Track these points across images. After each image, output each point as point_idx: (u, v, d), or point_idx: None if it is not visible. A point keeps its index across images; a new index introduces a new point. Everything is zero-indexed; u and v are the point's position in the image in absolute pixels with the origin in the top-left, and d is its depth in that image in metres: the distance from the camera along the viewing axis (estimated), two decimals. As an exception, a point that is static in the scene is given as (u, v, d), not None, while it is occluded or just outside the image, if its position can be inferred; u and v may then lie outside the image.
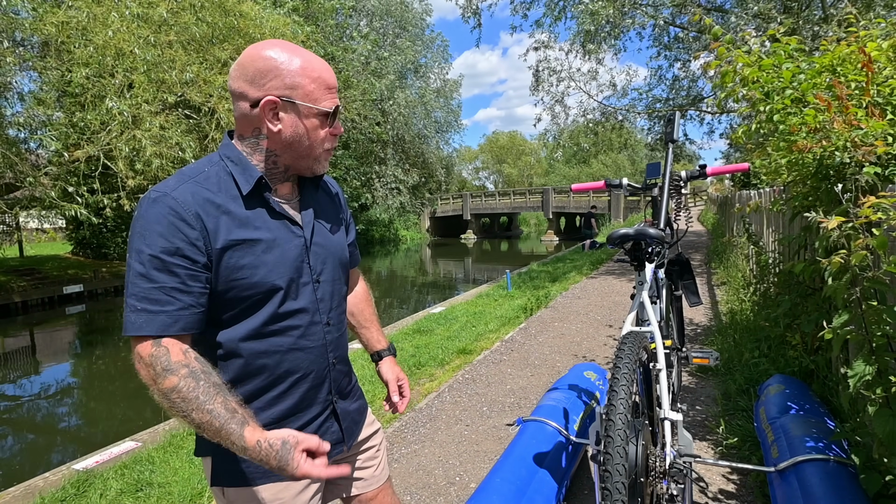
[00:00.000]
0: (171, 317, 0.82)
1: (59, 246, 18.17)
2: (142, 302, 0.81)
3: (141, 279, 0.81)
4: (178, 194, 0.84)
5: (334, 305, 1.03)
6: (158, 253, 0.81)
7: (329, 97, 0.91)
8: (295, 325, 0.94)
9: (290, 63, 0.88)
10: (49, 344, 10.22)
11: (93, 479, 2.55)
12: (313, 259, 0.98)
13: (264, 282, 0.89)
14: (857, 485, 1.52)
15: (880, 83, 1.91)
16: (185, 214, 0.83)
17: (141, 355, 0.81)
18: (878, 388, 1.33)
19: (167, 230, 0.81)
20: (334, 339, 1.02)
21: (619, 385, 1.22)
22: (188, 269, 0.83)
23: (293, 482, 0.96)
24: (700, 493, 2.05)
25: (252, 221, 0.90)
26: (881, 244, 1.29)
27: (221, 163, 0.91)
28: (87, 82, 8.97)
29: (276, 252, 0.91)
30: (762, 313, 3.56)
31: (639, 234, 1.57)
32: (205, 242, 0.84)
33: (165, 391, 0.79)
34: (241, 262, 0.87)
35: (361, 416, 1.14)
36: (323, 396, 1.01)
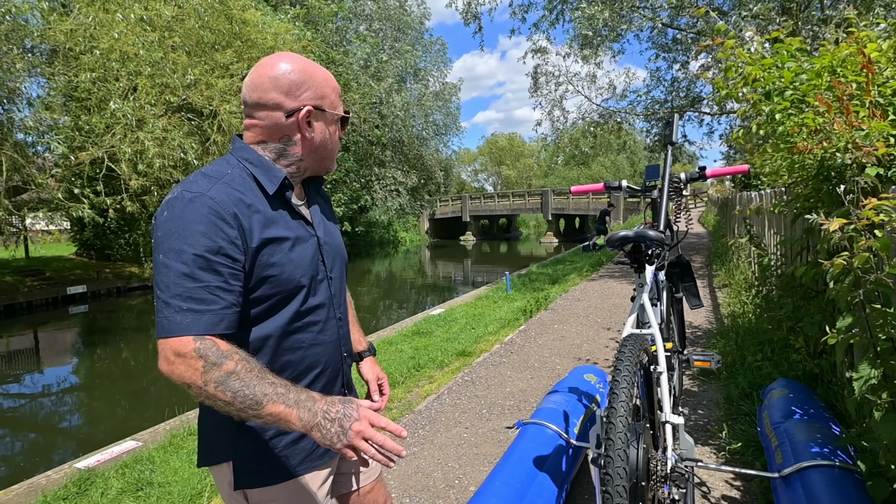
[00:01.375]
0: (216, 315, 0.82)
1: (63, 247, 18.25)
2: (187, 302, 0.80)
3: (185, 279, 0.80)
4: (215, 194, 0.85)
5: (342, 301, 1.09)
6: (203, 252, 0.81)
7: (341, 103, 1.02)
8: (315, 321, 0.98)
9: (316, 75, 0.96)
10: (52, 344, 10.24)
11: (94, 478, 2.56)
12: (326, 256, 1.02)
13: (291, 278, 0.92)
14: (863, 492, 1.50)
15: (881, 84, 1.89)
16: (225, 214, 0.84)
17: (182, 353, 0.78)
18: (885, 393, 1.31)
19: (209, 229, 0.82)
20: (345, 334, 1.08)
21: (620, 388, 1.21)
22: (231, 268, 0.84)
23: (317, 473, 1.01)
24: (703, 498, 2.03)
25: (279, 221, 0.93)
26: (884, 246, 1.27)
27: (241, 165, 0.94)
28: (92, 86, 9.03)
29: (299, 250, 0.95)
30: (764, 316, 3.54)
31: (638, 237, 1.56)
32: (243, 241, 0.86)
33: (222, 378, 0.77)
34: (271, 260, 0.90)
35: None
36: (337, 390, 1.06)
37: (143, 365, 8.26)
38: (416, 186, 25.89)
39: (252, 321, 0.91)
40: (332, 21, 17.40)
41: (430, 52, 26.89)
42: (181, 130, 9.60)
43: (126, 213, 10.40)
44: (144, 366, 8.16)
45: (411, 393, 3.56)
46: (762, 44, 2.45)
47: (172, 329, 0.79)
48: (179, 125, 9.76)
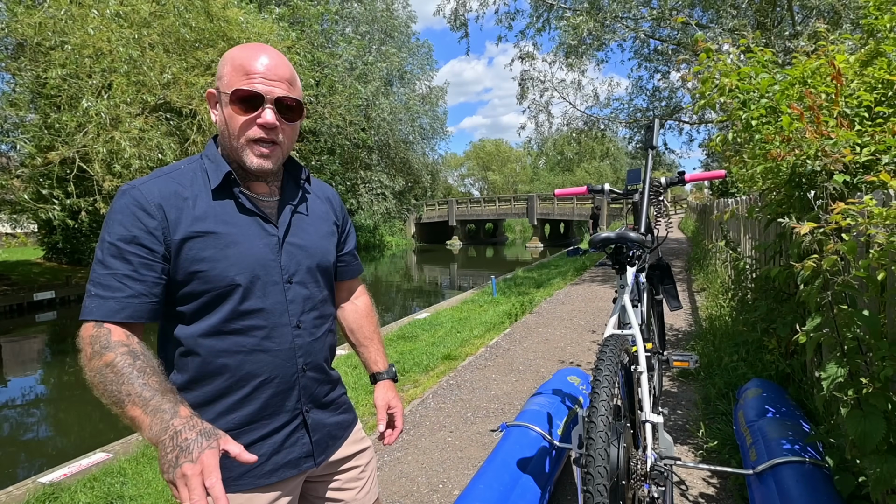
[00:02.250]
0: (119, 303, 0.82)
1: (30, 251, 17.59)
2: (96, 287, 0.82)
3: (98, 265, 0.83)
4: (145, 187, 0.86)
5: (308, 309, 0.98)
6: (115, 241, 0.83)
7: (243, 80, 0.88)
8: (259, 326, 0.91)
9: (226, 56, 0.91)
10: (17, 353, 9.84)
11: (59, 493, 2.45)
12: (286, 258, 0.95)
13: (223, 276, 0.87)
14: (831, 486, 1.56)
15: (848, 95, 1.98)
16: (147, 205, 0.84)
17: (82, 336, 0.81)
18: (850, 390, 1.36)
19: (127, 219, 0.83)
20: (305, 344, 0.96)
21: (601, 387, 1.23)
22: (142, 258, 0.83)
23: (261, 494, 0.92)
24: (681, 496, 2.07)
25: (218, 215, 0.89)
26: (851, 249, 1.33)
27: (200, 161, 0.94)
28: (63, 83, 8.76)
29: (239, 248, 0.89)
30: (740, 318, 3.64)
31: (620, 238, 1.59)
32: (164, 232, 0.85)
33: (99, 367, 0.76)
34: (201, 255, 0.86)
35: (343, 432, 1.07)
36: (291, 405, 0.95)
37: (118, 371, 8.01)
38: (402, 190, 25.86)
39: (186, 318, 0.89)
40: (318, 22, 17.32)
41: (417, 56, 26.98)
42: (159, 130, 9.41)
43: (100, 216, 10.11)
44: (120, 372, 7.93)
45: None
46: (738, 55, 2.54)
47: (82, 312, 0.82)
48: (157, 125, 9.56)
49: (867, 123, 1.92)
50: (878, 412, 1.29)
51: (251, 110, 0.88)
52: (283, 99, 0.90)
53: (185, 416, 0.71)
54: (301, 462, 0.97)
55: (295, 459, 0.96)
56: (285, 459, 0.95)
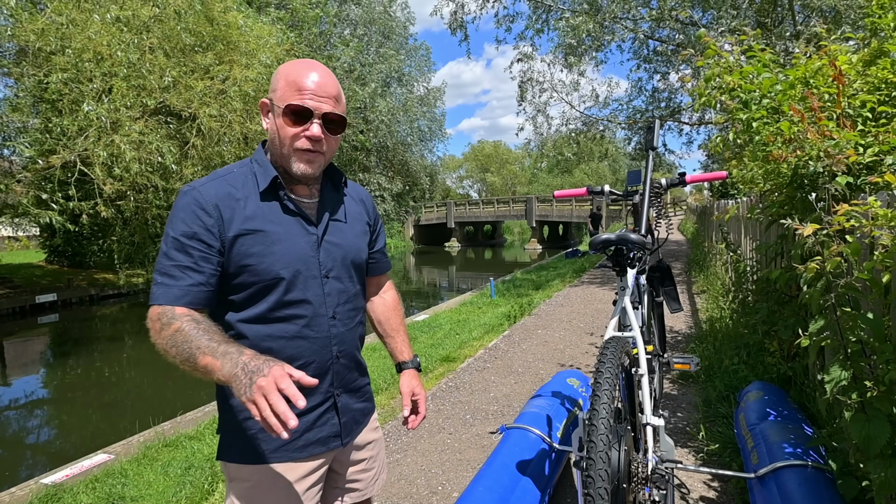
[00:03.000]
0: (181, 290, 0.92)
1: (32, 254, 17.58)
2: (161, 276, 0.93)
3: (163, 257, 0.94)
4: (204, 189, 0.97)
5: (343, 301, 1.07)
6: (178, 235, 0.94)
7: (296, 96, 0.96)
8: (300, 315, 1.01)
9: (281, 71, 1.00)
10: (20, 355, 9.82)
11: (62, 494, 2.46)
12: (324, 255, 1.04)
13: (270, 270, 0.97)
14: (834, 490, 1.54)
15: (850, 95, 1.97)
16: (206, 205, 0.95)
17: (150, 316, 0.91)
18: (854, 394, 1.35)
19: (188, 217, 0.94)
20: (339, 334, 1.06)
21: (602, 389, 1.22)
22: (202, 252, 0.94)
23: (294, 465, 1.02)
24: (682, 499, 2.05)
25: (266, 215, 0.99)
26: (855, 251, 1.32)
27: (250, 165, 1.04)
28: (64, 87, 8.76)
29: (284, 244, 0.99)
30: (741, 321, 3.62)
31: (621, 240, 1.58)
32: (219, 229, 0.95)
33: (170, 335, 0.87)
34: (251, 250, 0.97)
35: (364, 418, 1.17)
36: (324, 388, 1.05)
37: (116, 376, 7.99)
38: (400, 192, 25.85)
39: (237, 306, 0.99)
40: (317, 25, 17.33)
41: (415, 58, 26.98)
42: (159, 134, 9.40)
43: (100, 219, 10.08)
44: (118, 376, 7.91)
45: (395, 399, 3.52)
46: (739, 54, 2.53)
47: (150, 299, 0.93)
48: (157, 128, 9.55)
49: (870, 124, 1.91)
50: (882, 416, 1.27)
51: (300, 123, 0.97)
52: (329, 114, 0.99)
53: (250, 353, 0.80)
54: (330, 441, 1.07)
55: (325, 438, 1.06)
56: (316, 437, 1.04)
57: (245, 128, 10.43)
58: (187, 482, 2.46)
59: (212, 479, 2.47)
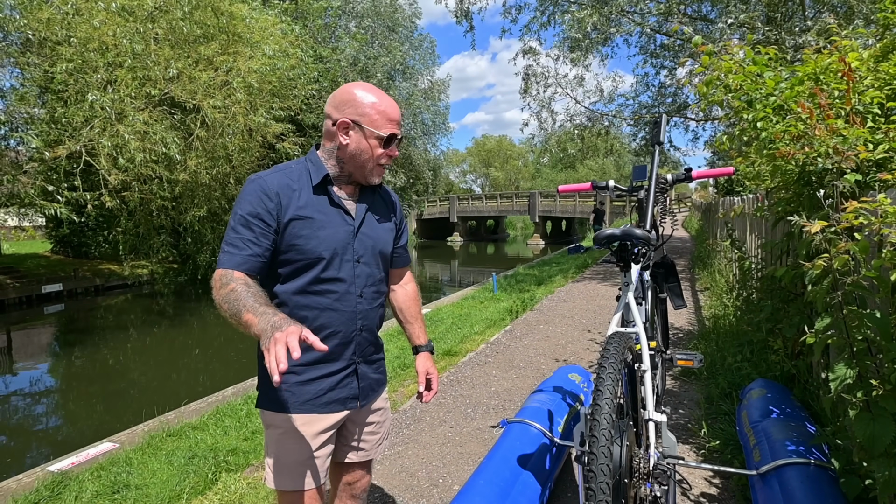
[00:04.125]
0: (242, 258, 1.12)
1: (38, 244, 17.68)
2: (227, 246, 1.13)
3: (231, 231, 1.14)
4: (268, 178, 1.18)
5: (369, 283, 1.26)
6: (245, 213, 1.13)
7: (388, 127, 1.19)
8: (333, 290, 1.20)
9: (364, 98, 1.18)
10: (26, 344, 9.91)
11: (67, 481, 2.48)
12: (358, 243, 1.23)
13: (314, 250, 1.17)
14: (837, 488, 1.54)
15: (861, 92, 1.94)
16: (269, 192, 1.15)
17: (215, 278, 1.10)
18: (859, 392, 1.34)
19: (255, 200, 1.14)
20: (364, 310, 1.25)
21: (605, 385, 1.21)
22: (262, 230, 1.14)
23: (317, 417, 1.21)
24: (683, 495, 2.06)
25: (315, 205, 1.19)
26: (863, 249, 1.30)
27: (305, 163, 1.24)
28: (69, 77, 8.75)
29: (327, 231, 1.19)
30: (745, 318, 3.61)
31: (625, 235, 1.57)
32: (278, 213, 1.15)
33: (226, 293, 1.04)
34: (300, 233, 1.16)
35: (379, 387, 1.37)
36: (348, 355, 1.24)
37: (121, 366, 8.05)
38: (404, 186, 25.75)
39: (283, 278, 1.19)
40: (322, 17, 17.23)
41: (420, 50, 26.79)
42: (163, 125, 9.39)
43: (105, 209, 10.11)
44: (123, 366, 7.96)
45: (396, 392, 3.54)
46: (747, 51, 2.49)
47: (217, 264, 1.13)
48: (161, 119, 9.54)
49: (880, 120, 1.88)
50: (887, 415, 1.27)
51: (387, 146, 1.21)
52: (401, 138, 1.24)
53: (281, 316, 0.95)
54: (348, 401, 1.26)
55: (344, 398, 1.25)
56: (337, 396, 1.24)
57: (249, 119, 10.41)
58: (191, 471, 2.48)
59: (215, 468, 2.49)
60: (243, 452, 2.65)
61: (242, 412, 3.24)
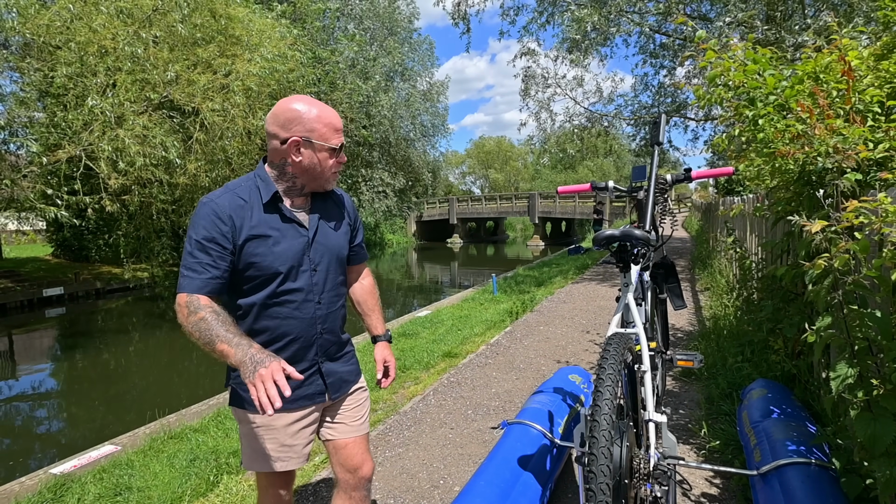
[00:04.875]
0: (202, 282, 1.17)
1: (39, 248, 17.69)
2: (186, 270, 1.17)
3: (188, 255, 1.18)
4: (219, 200, 1.21)
5: (327, 289, 1.32)
6: (200, 238, 1.17)
7: (336, 137, 1.25)
8: (291, 300, 1.26)
9: (308, 113, 1.22)
10: (28, 347, 9.91)
11: (70, 484, 2.49)
12: (313, 252, 1.29)
13: (271, 266, 1.22)
14: (837, 488, 1.53)
15: (861, 90, 1.94)
16: (222, 215, 1.19)
17: (180, 303, 1.15)
18: (860, 392, 1.34)
19: (208, 224, 1.18)
20: (323, 315, 1.32)
21: (605, 386, 1.21)
22: (219, 253, 1.18)
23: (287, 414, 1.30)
24: (683, 495, 2.05)
25: (268, 223, 1.24)
26: (864, 248, 1.30)
27: (255, 179, 1.28)
28: (69, 82, 8.76)
29: (282, 245, 1.24)
30: (745, 318, 3.60)
31: (624, 236, 1.57)
32: (233, 235, 1.19)
33: (195, 322, 1.11)
34: (256, 251, 1.21)
35: (352, 377, 1.44)
36: (311, 356, 1.32)
37: (123, 368, 8.05)
38: (403, 188, 25.75)
39: (244, 292, 1.25)
40: (320, 19, 17.25)
41: (418, 52, 26.81)
42: (162, 128, 9.40)
43: (106, 213, 10.10)
44: (125, 369, 7.96)
45: (397, 394, 3.53)
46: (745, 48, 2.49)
47: (178, 287, 1.18)
48: (161, 122, 9.55)
49: (880, 119, 1.88)
50: (888, 414, 1.26)
51: (336, 155, 1.27)
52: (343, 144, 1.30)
53: (256, 348, 1.05)
54: (315, 396, 1.35)
55: (311, 394, 1.34)
56: (304, 393, 1.32)
57: (248, 122, 10.41)
58: (192, 473, 2.48)
59: (216, 470, 2.49)
60: (244, 455, 2.65)
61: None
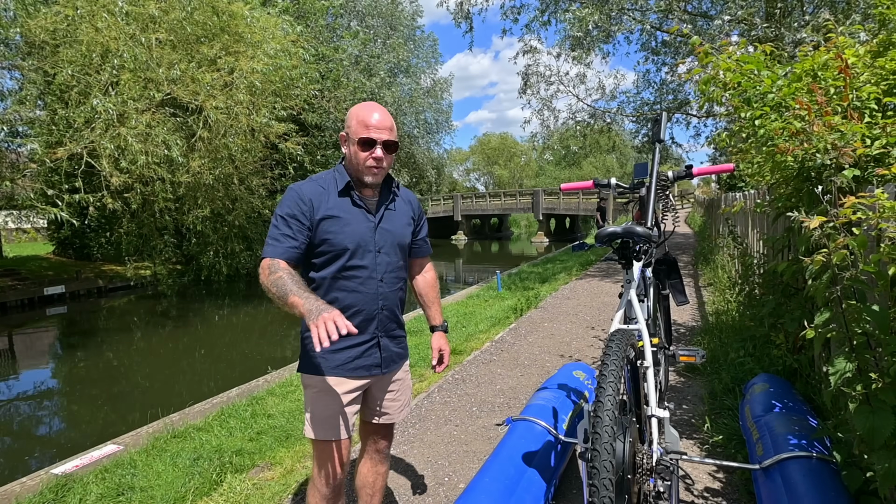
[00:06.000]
0: (283, 249, 1.39)
1: (40, 246, 17.74)
2: (271, 240, 1.40)
3: (273, 228, 1.41)
4: (303, 186, 1.46)
5: (389, 270, 1.50)
6: (284, 214, 1.41)
7: (363, 131, 1.41)
8: (358, 276, 1.45)
9: (354, 112, 1.45)
10: (29, 346, 9.95)
11: (72, 484, 2.48)
12: (378, 236, 1.48)
13: (341, 243, 1.43)
14: (839, 481, 1.55)
15: (858, 87, 1.95)
16: (304, 197, 1.43)
17: (262, 266, 1.36)
18: (859, 385, 1.35)
19: (292, 203, 1.42)
20: (384, 293, 1.50)
21: (608, 382, 1.23)
22: (298, 226, 1.41)
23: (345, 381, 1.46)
24: (686, 490, 2.07)
25: (340, 206, 1.45)
26: (861, 243, 1.32)
27: (333, 173, 1.50)
28: (71, 80, 8.79)
29: (352, 227, 1.45)
30: (747, 313, 3.61)
31: (627, 233, 1.59)
32: (311, 214, 1.42)
33: (274, 279, 1.30)
34: (329, 229, 1.43)
35: (401, 359, 1.62)
36: (372, 329, 1.49)
37: (125, 367, 8.08)
38: (407, 185, 25.78)
39: (317, 266, 1.46)
40: (323, 16, 17.24)
41: (422, 49, 26.77)
42: (165, 126, 9.42)
43: (108, 211, 10.13)
44: (127, 368, 7.99)
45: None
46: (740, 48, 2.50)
47: (263, 253, 1.39)
48: (164, 121, 9.57)
49: (877, 116, 1.89)
50: (887, 407, 1.28)
51: (369, 149, 1.42)
52: (387, 141, 1.44)
53: (323, 302, 1.22)
54: (372, 368, 1.51)
55: (368, 365, 1.50)
56: (363, 364, 1.49)
57: (251, 120, 10.42)
58: (196, 473, 2.47)
59: (220, 469, 2.48)
60: (248, 453, 2.65)
61: (247, 413, 3.25)
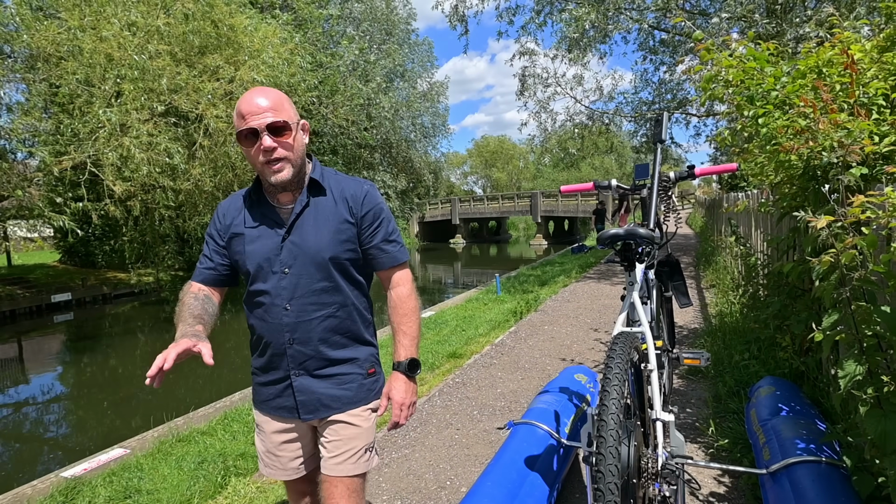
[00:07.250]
0: (198, 272, 1.30)
1: (46, 255, 17.84)
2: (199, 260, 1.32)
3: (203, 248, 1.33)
4: (224, 202, 1.33)
5: (298, 295, 1.20)
6: (206, 234, 1.31)
7: (240, 123, 1.14)
8: (261, 303, 1.23)
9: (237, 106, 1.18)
10: (37, 352, 10.00)
11: (81, 487, 2.52)
12: (284, 254, 1.21)
13: (243, 266, 1.25)
14: (849, 486, 1.51)
15: (865, 83, 1.92)
16: (219, 213, 1.30)
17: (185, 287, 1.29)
18: (870, 388, 1.32)
19: (212, 222, 1.31)
20: (292, 323, 1.21)
21: (611, 385, 1.21)
22: (214, 247, 1.30)
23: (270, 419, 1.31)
24: (691, 495, 2.04)
25: (247, 222, 1.25)
26: (871, 243, 1.29)
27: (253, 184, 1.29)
28: (76, 90, 8.86)
29: (254, 245, 1.23)
30: (751, 315, 3.58)
31: (629, 234, 1.56)
32: (224, 232, 1.28)
33: (178, 305, 1.22)
34: (235, 249, 1.27)
35: (336, 403, 1.24)
36: (283, 366, 1.24)
37: (130, 372, 8.09)
38: (405, 189, 25.78)
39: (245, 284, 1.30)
40: (321, 25, 17.32)
41: (418, 53, 26.88)
42: (167, 135, 9.47)
43: (111, 219, 10.19)
44: (132, 373, 8.00)
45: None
46: (745, 44, 2.48)
47: None
48: (166, 130, 9.62)
49: (886, 112, 1.87)
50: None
51: (253, 142, 1.15)
52: (272, 124, 1.13)
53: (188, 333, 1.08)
54: (290, 411, 1.27)
55: (287, 407, 1.27)
56: (281, 405, 1.28)
57: (251, 128, 10.44)
58: (200, 476, 2.50)
59: (224, 472, 2.51)
60: (252, 457, 2.66)
61: (250, 417, 3.25)
